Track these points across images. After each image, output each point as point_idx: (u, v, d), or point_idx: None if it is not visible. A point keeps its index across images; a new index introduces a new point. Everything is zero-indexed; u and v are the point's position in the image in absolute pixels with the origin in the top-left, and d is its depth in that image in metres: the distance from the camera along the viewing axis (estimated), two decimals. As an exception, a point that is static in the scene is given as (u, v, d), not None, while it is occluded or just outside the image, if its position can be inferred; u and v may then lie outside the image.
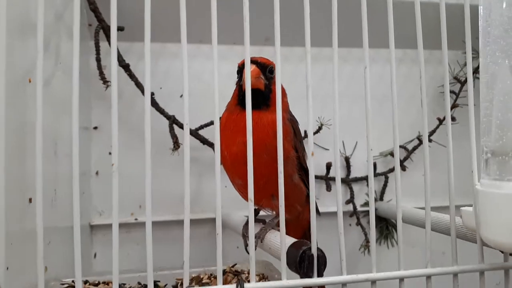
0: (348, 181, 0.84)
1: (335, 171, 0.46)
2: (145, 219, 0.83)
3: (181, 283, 0.49)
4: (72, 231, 0.40)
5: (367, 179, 0.85)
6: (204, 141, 0.78)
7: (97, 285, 0.51)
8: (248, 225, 0.60)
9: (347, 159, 0.85)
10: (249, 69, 0.44)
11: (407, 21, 0.56)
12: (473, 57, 0.49)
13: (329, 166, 0.83)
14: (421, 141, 0.87)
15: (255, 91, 0.53)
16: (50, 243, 0.55)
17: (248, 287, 0.42)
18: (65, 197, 0.61)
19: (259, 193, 0.55)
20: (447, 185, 0.47)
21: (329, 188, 0.82)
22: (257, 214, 0.64)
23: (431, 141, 0.84)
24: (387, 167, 0.87)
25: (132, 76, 0.74)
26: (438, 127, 0.86)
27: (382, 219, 0.84)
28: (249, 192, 0.44)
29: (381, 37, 0.54)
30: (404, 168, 0.85)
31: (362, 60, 0.89)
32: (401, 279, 0.46)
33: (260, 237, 0.55)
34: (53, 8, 0.61)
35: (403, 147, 0.86)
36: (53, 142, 0.58)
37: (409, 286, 0.46)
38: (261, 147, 0.53)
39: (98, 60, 0.72)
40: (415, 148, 0.87)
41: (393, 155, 0.84)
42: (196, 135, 0.77)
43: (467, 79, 0.49)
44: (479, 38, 0.45)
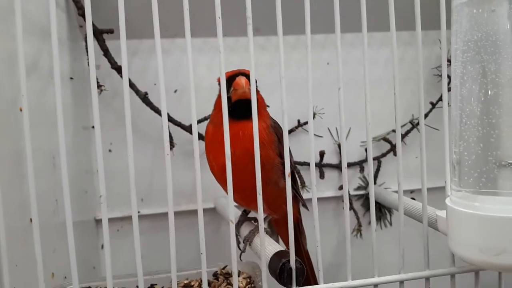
0: (341, 167, 0.86)
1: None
2: (147, 211, 0.87)
3: None
4: (75, 229, 0.44)
5: (360, 163, 0.88)
6: (199, 135, 0.81)
7: (99, 291, 0.56)
8: (239, 224, 0.64)
9: (340, 146, 0.86)
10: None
11: (401, 2, 0.55)
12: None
13: (322, 154, 0.85)
14: (414, 125, 0.88)
15: (246, 102, 0.53)
16: (55, 251, 0.60)
17: (230, 300, 0.46)
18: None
19: (248, 198, 0.58)
20: (440, 167, 0.50)
21: (322, 176, 0.85)
22: (249, 213, 0.67)
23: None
24: (380, 152, 0.88)
25: (124, 77, 0.76)
26: (431, 110, 0.86)
27: (375, 202, 0.87)
28: (230, 212, 0.47)
29: (376, 20, 0.54)
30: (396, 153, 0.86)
31: (355, 45, 0.88)
32: (375, 286, 0.49)
33: (249, 240, 0.59)
34: (39, 24, 0.62)
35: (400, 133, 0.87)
36: (50, 155, 0.61)
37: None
38: (248, 157, 0.56)
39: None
40: (408, 132, 0.88)
41: (386, 140, 0.86)
42: (191, 130, 0.80)
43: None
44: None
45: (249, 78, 0.58)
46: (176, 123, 0.80)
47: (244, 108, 0.54)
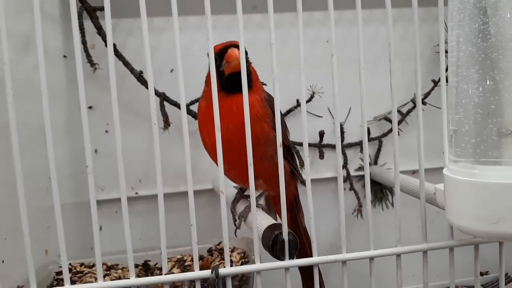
0: (342, 147, 0.85)
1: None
2: (145, 192, 0.86)
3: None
4: (73, 210, 0.43)
5: (361, 144, 0.86)
6: (196, 115, 0.80)
7: (91, 267, 0.55)
8: (235, 202, 0.63)
9: (340, 126, 0.85)
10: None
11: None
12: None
13: (321, 134, 0.83)
14: (415, 104, 0.86)
15: (239, 75, 0.52)
16: (49, 227, 0.59)
17: (223, 272, 0.45)
18: (62, 179, 0.64)
19: (243, 175, 0.57)
20: (441, 146, 0.49)
21: (322, 156, 0.83)
22: (245, 190, 0.66)
23: (426, 104, 0.83)
24: (381, 131, 0.87)
25: (119, 56, 0.75)
26: (433, 89, 0.84)
27: (376, 183, 0.85)
28: (220, 185, 0.46)
29: None
30: (398, 132, 0.85)
31: (354, 22, 0.86)
32: (371, 258, 0.48)
33: (244, 216, 0.58)
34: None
35: (397, 110, 0.85)
36: (43, 132, 0.61)
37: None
38: (242, 131, 0.54)
39: (83, 43, 0.73)
40: (409, 111, 0.86)
41: (387, 119, 0.85)
42: (188, 110, 0.79)
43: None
44: None
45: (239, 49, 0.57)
46: (172, 102, 0.79)
47: (237, 81, 0.52)
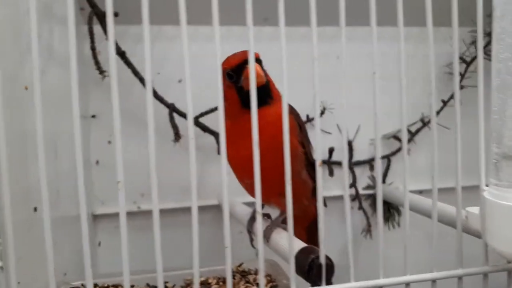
0: (350, 165, 0.84)
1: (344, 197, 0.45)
2: (148, 207, 0.82)
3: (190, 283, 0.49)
4: (78, 225, 0.40)
5: (370, 162, 0.85)
6: (205, 128, 0.77)
7: (95, 286, 0.51)
8: (252, 221, 0.61)
9: (349, 143, 0.84)
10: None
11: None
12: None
13: (331, 150, 0.82)
14: (424, 123, 0.86)
15: (260, 88, 0.50)
16: (56, 244, 0.55)
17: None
18: (67, 194, 0.60)
19: (268, 192, 0.54)
20: (451, 166, 0.48)
21: (331, 173, 0.82)
22: (262, 208, 0.63)
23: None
24: (389, 150, 0.86)
25: (129, 63, 0.72)
26: (442, 108, 0.84)
27: (384, 202, 0.84)
28: (257, 205, 0.43)
29: (387, 14, 0.52)
30: (407, 151, 0.84)
31: (366, 39, 0.86)
32: (407, 284, 0.46)
33: (266, 237, 0.55)
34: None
35: (406, 129, 0.85)
36: (53, 142, 0.57)
37: None
38: (271, 145, 0.52)
39: (93, 49, 0.69)
40: (418, 130, 0.86)
41: (396, 137, 0.84)
42: (197, 123, 0.76)
43: (472, 59, 0.48)
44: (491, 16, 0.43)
45: (259, 62, 0.55)
46: (181, 114, 0.76)
47: (259, 95, 0.50)
